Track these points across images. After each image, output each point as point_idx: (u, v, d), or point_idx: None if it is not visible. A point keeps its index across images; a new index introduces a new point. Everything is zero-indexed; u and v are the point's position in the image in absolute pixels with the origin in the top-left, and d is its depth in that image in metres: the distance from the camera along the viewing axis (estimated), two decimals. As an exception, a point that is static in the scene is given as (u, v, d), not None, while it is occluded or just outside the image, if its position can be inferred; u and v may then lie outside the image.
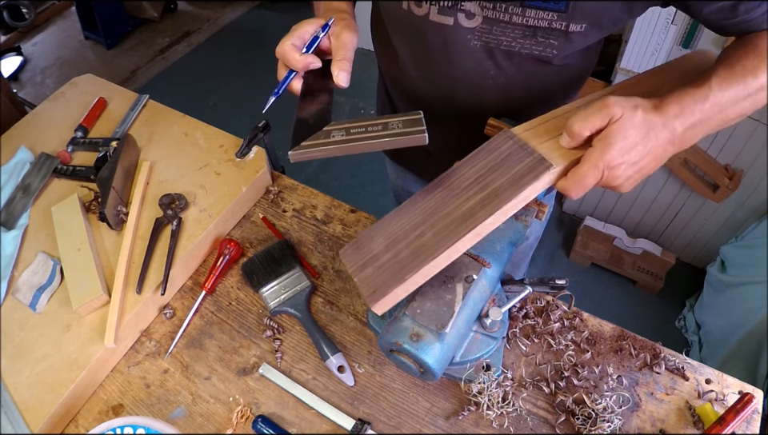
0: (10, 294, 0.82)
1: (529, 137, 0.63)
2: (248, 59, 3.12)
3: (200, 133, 1.05)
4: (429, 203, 0.62)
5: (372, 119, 0.65)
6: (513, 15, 0.67)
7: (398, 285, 0.56)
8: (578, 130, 0.57)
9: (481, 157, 0.64)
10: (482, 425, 0.71)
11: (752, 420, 0.68)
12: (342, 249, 0.63)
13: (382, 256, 0.60)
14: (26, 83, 3.08)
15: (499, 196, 0.59)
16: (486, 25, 0.69)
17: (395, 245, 0.60)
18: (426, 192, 0.63)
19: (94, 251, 0.85)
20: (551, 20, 0.65)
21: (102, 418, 0.74)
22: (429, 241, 0.58)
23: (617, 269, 2.04)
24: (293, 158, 0.63)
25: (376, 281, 0.58)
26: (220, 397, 0.75)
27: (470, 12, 0.69)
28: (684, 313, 1.95)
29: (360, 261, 0.61)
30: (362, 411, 0.73)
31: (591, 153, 0.56)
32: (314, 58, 0.69)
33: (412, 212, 0.62)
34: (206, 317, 0.84)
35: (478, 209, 0.59)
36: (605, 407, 0.69)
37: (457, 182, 0.62)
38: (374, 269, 0.59)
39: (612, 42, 2.08)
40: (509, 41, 0.70)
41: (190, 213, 0.91)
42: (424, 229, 0.60)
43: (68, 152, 1.02)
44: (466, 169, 0.63)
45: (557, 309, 0.80)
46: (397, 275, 0.57)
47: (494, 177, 0.61)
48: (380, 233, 0.62)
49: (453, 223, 0.59)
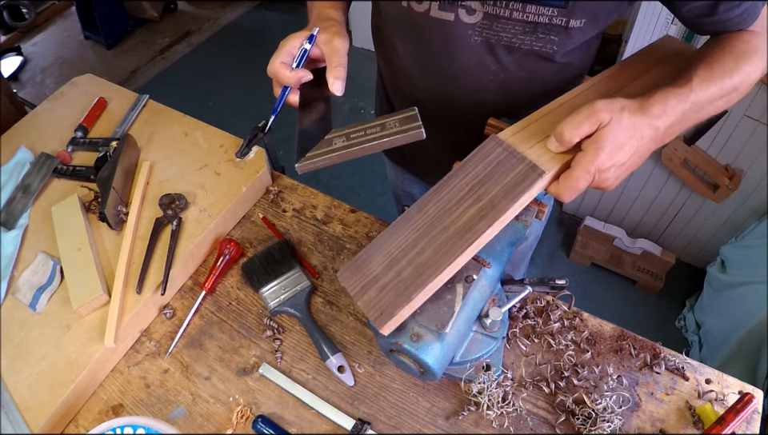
0: (10, 294, 0.82)
1: (516, 142, 0.63)
2: (248, 59, 3.12)
3: (200, 133, 1.05)
4: (424, 218, 0.61)
5: (369, 122, 0.66)
6: (513, 11, 0.67)
7: (404, 305, 0.56)
8: (569, 137, 0.58)
9: (471, 166, 0.63)
10: (481, 425, 0.71)
11: (752, 420, 0.68)
12: (340, 272, 0.62)
13: (384, 276, 0.59)
14: (25, 83, 3.08)
15: (496, 206, 0.59)
16: (487, 21, 0.70)
17: (396, 264, 0.59)
18: (420, 206, 0.62)
19: (94, 251, 0.85)
20: (551, 15, 0.66)
21: (102, 418, 0.74)
22: (430, 258, 0.58)
23: (617, 269, 2.04)
24: (300, 170, 0.65)
25: (381, 302, 0.57)
26: (220, 397, 0.75)
27: (470, 8, 0.69)
28: (684, 313, 1.95)
29: (361, 282, 0.60)
30: (362, 411, 0.73)
31: (582, 158, 0.57)
32: (304, 72, 0.71)
33: (408, 228, 0.61)
34: (205, 317, 0.84)
35: (476, 221, 0.58)
36: (605, 407, 0.69)
37: (450, 194, 0.62)
38: (377, 290, 0.58)
39: (612, 42, 2.08)
40: (509, 37, 0.70)
41: (190, 213, 0.91)
42: (423, 245, 0.59)
43: (68, 152, 1.02)
44: (457, 179, 0.63)
45: (557, 309, 0.80)
46: (402, 295, 0.56)
47: (488, 187, 0.61)
48: (377, 253, 0.61)
49: (452, 237, 0.58)
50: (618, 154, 0.57)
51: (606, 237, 2.01)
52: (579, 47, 0.74)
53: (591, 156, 0.56)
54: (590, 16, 0.66)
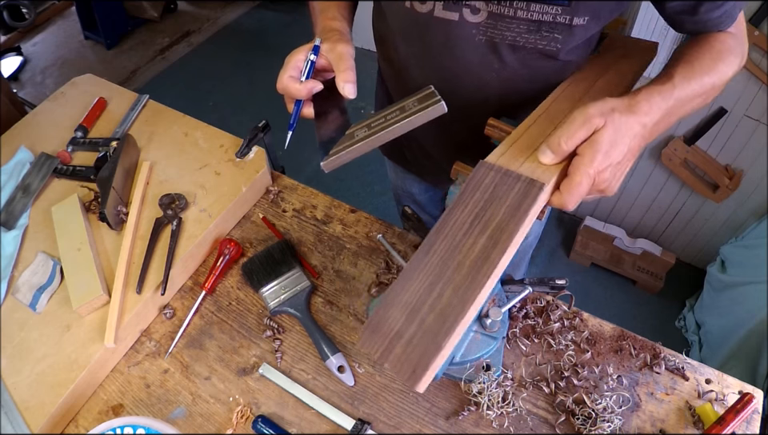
0: (10, 294, 0.82)
1: (507, 163, 0.62)
2: (248, 59, 3.12)
3: (200, 133, 1.05)
4: (434, 259, 0.59)
5: (388, 108, 0.66)
6: (518, 10, 0.67)
7: (437, 356, 0.52)
8: (567, 148, 0.58)
9: (468, 196, 0.62)
10: (481, 425, 0.71)
11: (752, 420, 0.68)
12: (359, 339, 0.58)
13: (407, 330, 0.55)
14: (26, 83, 3.08)
15: (505, 230, 0.57)
16: (491, 20, 0.70)
17: (416, 314, 0.56)
18: (425, 249, 0.60)
19: (94, 251, 0.85)
20: (555, 14, 0.66)
21: (102, 418, 0.74)
22: (452, 300, 0.55)
23: (617, 269, 2.04)
24: (327, 168, 0.64)
25: (411, 358, 0.53)
26: (220, 397, 0.75)
27: (474, 7, 0.69)
28: (684, 313, 1.95)
29: (383, 343, 0.55)
30: (362, 411, 0.73)
31: (580, 162, 0.57)
32: (314, 83, 0.70)
33: (420, 273, 0.58)
34: (205, 317, 0.84)
35: (489, 249, 0.57)
36: (605, 407, 0.69)
37: (454, 229, 0.60)
38: (403, 346, 0.54)
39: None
40: (513, 36, 0.71)
41: (190, 213, 0.91)
42: (441, 288, 0.56)
43: (68, 152, 1.02)
44: (457, 213, 0.61)
45: (557, 309, 0.80)
46: (432, 345, 0.53)
47: (492, 212, 0.59)
48: (393, 307, 0.57)
49: (470, 272, 0.56)
50: (612, 154, 0.58)
51: (606, 237, 2.01)
52: (581, 44, 0.75)
53: (589, 159, 0.57)
54: (593, 13, 0.67)
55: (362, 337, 0.57)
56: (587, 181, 0.57)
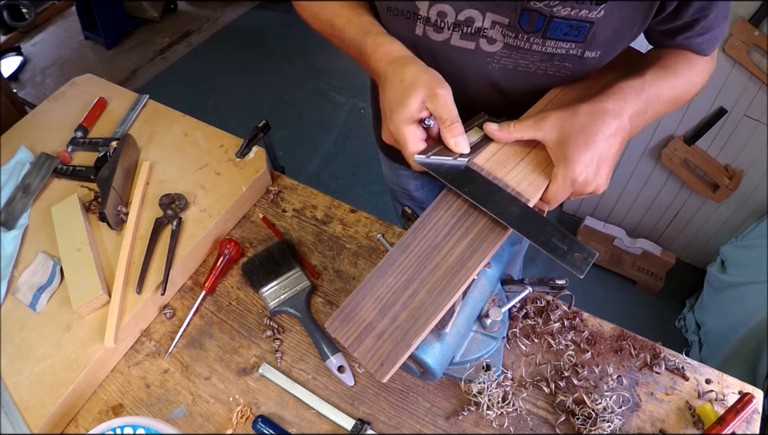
0: (10, 294, 0.82)
1: (494, 168, 0.62)
2: (248, 59, 3.12)
3: (200, 133, 1.05)
4: (411, 257, 0.60)
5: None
6: (533, 44, 0.68)
7: (405, 353, 0.54)
8: (510, 137, 0.64)
9: (453, 197, 0.62)
10: (482, 425, 0.71)
11: (752, 420, 0.68)
12: (328, 322, 0.59)
13: (378, 323, 0.57)
14: (26, 83, 3.08)
15: (485, 240, 0.59)
16: (506, 51, 0.71)
17: (389, 310, 0.57)
18: (403, 246, 0.61)
19: (94, 251, 0.85)
20: (568, 48, 0.67)
21: (102, 418, 0.74)
22: (425, 300, 0.57)
23: (617, 269, 2.04)
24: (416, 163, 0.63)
25: (380, 352, 0.55)
26: (220, 397, 0.75)
27: (491, 38, 0.69)
28: (684, 313, 1.95)
29: (354, 332, 0.57)
30: (362, 411, 0.73)
31: (555, 175, 0.61)
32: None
33: (396, 269, 0.60)
34: (205, 317, 0.84)
35: (467, 257, 0.58)
36: (605, 407, 0.69)
37: (434, 230, 0.61)
38: (374, 339, 0.56)
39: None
40: (526, 64, 0.72)
41: (190, 213, 0.91)
42: (416, 287, 0.58)
43: (68, 152, 1.02)
44: (439, 213, 0.61)
45: (557, 309, 0.80)
46: (402, 342, 0.55)
47: (474, 219, 0.60)
48: (367, 299, 0.59)
49: (445, 276, 0.57)
50: (584, 158, 0.59)
51: (606, 237, 2.01)
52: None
53: (563, 168, 0.60)
54: (606, 48, 0.68)
55: (333, 323, 0.59)
56: (564, 189, 0.61)
